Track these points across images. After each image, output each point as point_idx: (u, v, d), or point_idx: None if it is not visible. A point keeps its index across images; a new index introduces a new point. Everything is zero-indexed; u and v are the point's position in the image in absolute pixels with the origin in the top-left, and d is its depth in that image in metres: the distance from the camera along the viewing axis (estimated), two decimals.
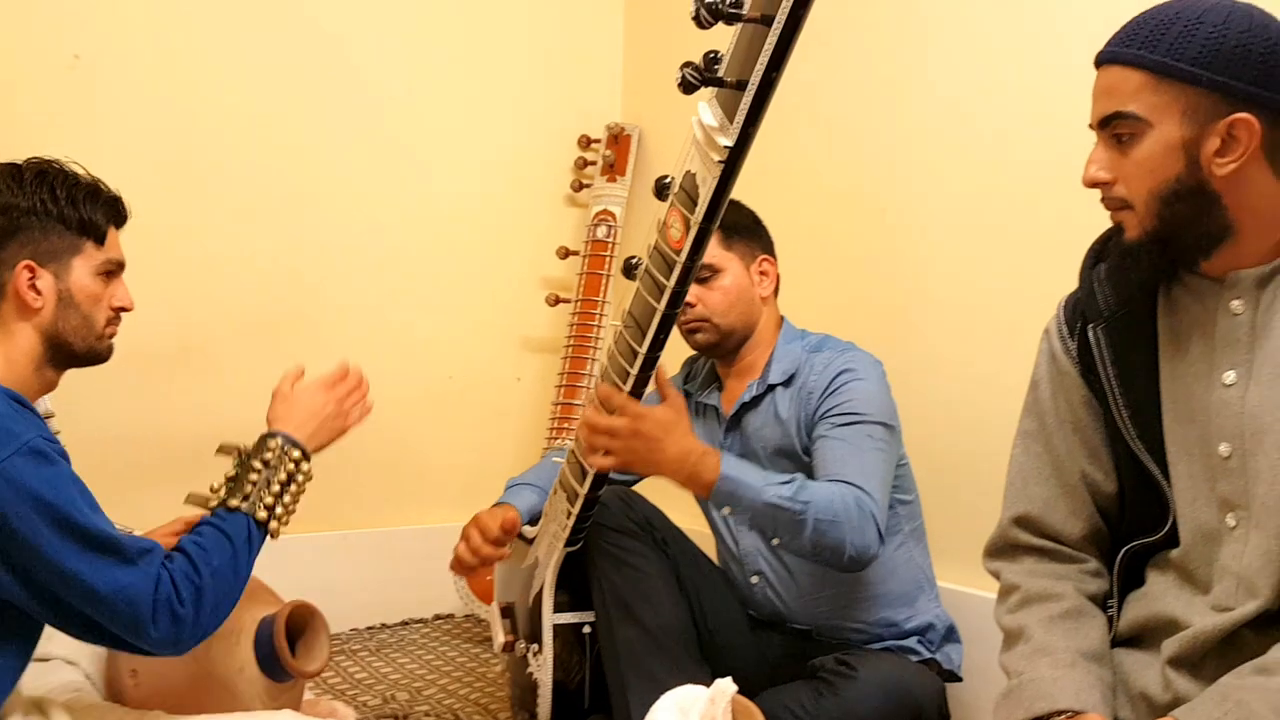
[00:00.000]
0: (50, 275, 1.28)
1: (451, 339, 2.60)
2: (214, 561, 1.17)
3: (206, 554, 1.17)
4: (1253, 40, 0.98)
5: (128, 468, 2.16)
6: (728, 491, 1.44)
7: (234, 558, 1.19)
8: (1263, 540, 1.01)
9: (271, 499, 1.25)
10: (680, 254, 1.21)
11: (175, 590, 1.12)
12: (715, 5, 1.02)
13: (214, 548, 1.18)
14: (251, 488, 1.25)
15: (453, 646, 2.37)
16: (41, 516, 1.08)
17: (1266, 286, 1.03)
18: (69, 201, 1.31)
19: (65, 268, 1.30)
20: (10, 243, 1.28)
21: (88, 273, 1.32)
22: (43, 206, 1.29)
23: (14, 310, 1.28)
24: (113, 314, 1.37)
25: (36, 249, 1.28)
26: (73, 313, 1.30)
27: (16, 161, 1.34)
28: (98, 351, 1.35)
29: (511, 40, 2.65)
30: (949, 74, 1.94)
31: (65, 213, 1.30)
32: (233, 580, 1.19)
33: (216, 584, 1.16)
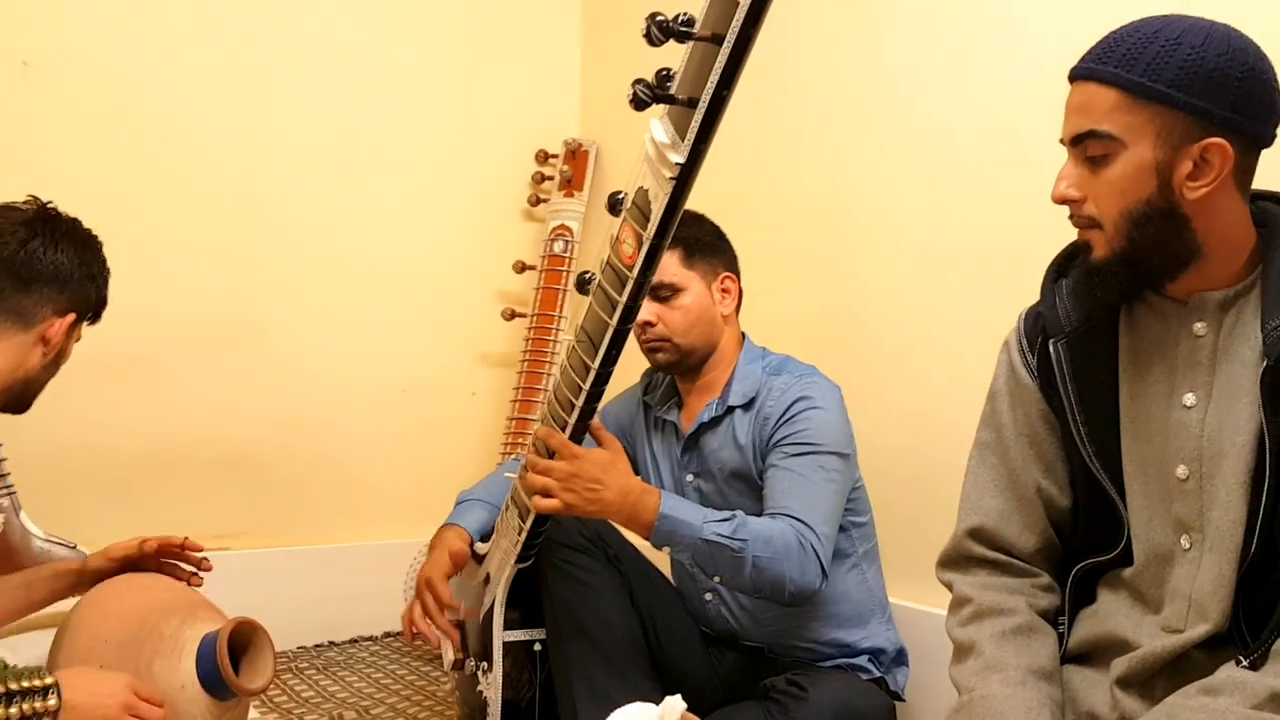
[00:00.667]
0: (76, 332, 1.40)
1: (405, 352, 2.58)
2: None
3: None
4: (1230, 64, 0.98)
5: (72, 479, 2.12)
6: (667, 530, 1.45)
7: None
8: (1216, 564, 1.02)
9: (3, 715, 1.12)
10: (633, 269, 1.21)
11: None
12: (666, 24, 1.02)
13: None
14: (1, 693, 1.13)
15: (402, 664, 2.34)
16: None
17: (1230, 310, 1.04)
18: (104, 282, 1.46)
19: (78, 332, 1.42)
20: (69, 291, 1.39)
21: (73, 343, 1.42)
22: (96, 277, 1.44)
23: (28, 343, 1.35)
24: None
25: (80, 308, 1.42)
26: (53, 368, 1.40)
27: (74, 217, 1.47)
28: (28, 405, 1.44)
29: (470, 54, 2.64)
30: (903, 91, 1.95)
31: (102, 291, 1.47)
32: None
33: None
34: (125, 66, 2.20)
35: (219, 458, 2.31)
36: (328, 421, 2.47)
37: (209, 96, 2.29)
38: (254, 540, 2.34)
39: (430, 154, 2.60)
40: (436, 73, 2.60)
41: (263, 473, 2.37)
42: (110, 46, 2.18)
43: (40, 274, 1.38)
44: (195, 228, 2.28)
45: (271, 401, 2.39)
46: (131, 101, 2.20)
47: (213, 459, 2.30)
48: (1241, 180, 1.03)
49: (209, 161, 2.29)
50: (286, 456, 2.40)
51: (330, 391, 2.47)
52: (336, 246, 2.47)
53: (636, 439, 1.80)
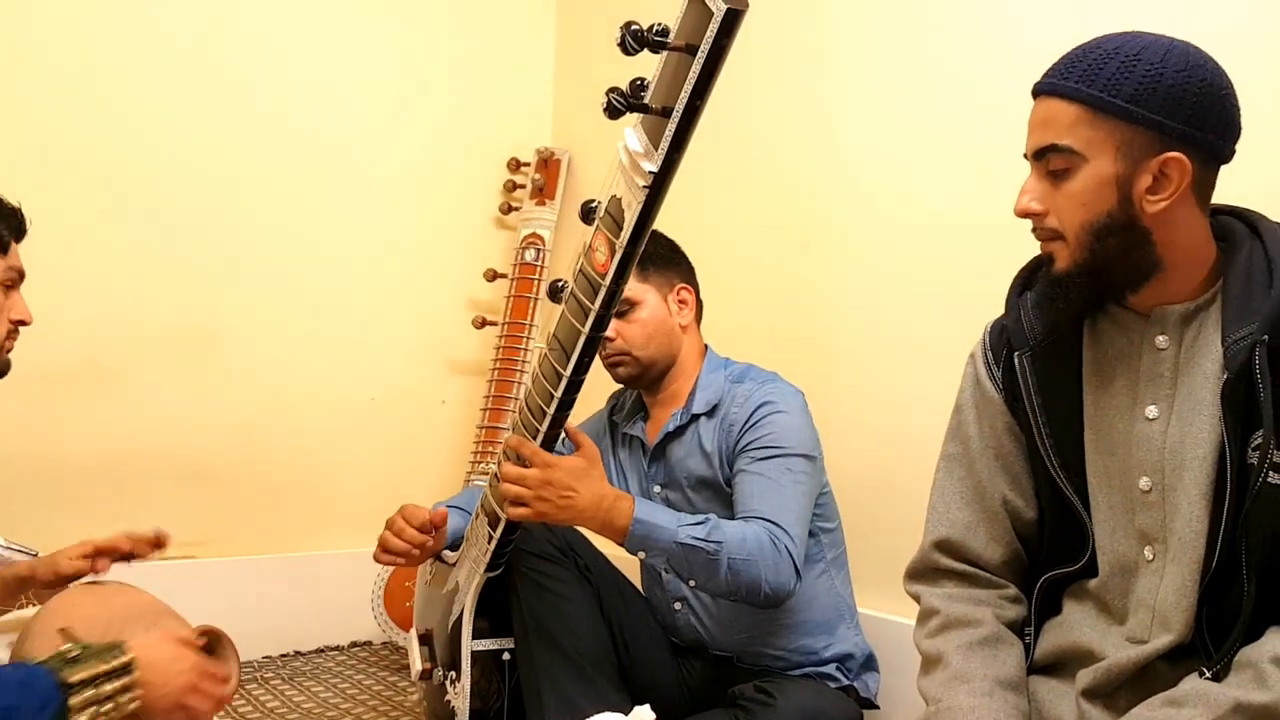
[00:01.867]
0: None
1: (375, 360, 2.56)
2: (6, 700, 1.06)
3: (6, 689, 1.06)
4: (1188, 80, 0.99)
5: (34, 486, 2.09)
6: (641, 535, 1.45)
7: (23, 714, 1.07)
8: (1179, 575, 1.03)
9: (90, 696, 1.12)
10: (605, 277, 1.21)
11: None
12: (641, 33, 1.03)
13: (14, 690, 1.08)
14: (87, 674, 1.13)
15: (369, 675, 2.32)
16: None
17: (1191, 323, 1.05)
18: None
19: None
20: None
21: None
22: None
23: None
24: (11, 327, 1.32)
25: None
26: None
27: None
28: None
29: (442, 62, 2.64)
30: (872, 105, 1.97)
31: None
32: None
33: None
34: (91, 71, 2.17)
35: (185, 465, 2.28)
36: (296, 429, 2.44)
37: (176, 103, 2.26)
38: (220, 549, 2.31)
39: (401, 161, 2.59)
40: (408, 80, 2.59)
41: (229, 481, 2.35)
42: (75, 50, 2.16)
43: None
44: (162, 234, 2.26)
45: (239, 409, 2.36)
46: (96, 106, 2.18)
47: (179, 467, 2.28)
48: (1201, 194, 1.04)
49: (176, 167, 2.27)
50: (254, 464, 2.38)
51: (299, 399, 2.45)
52: (306, 253, 2.45)
53: (604, 457, 1.80)
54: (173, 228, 2.27)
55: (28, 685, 1.09)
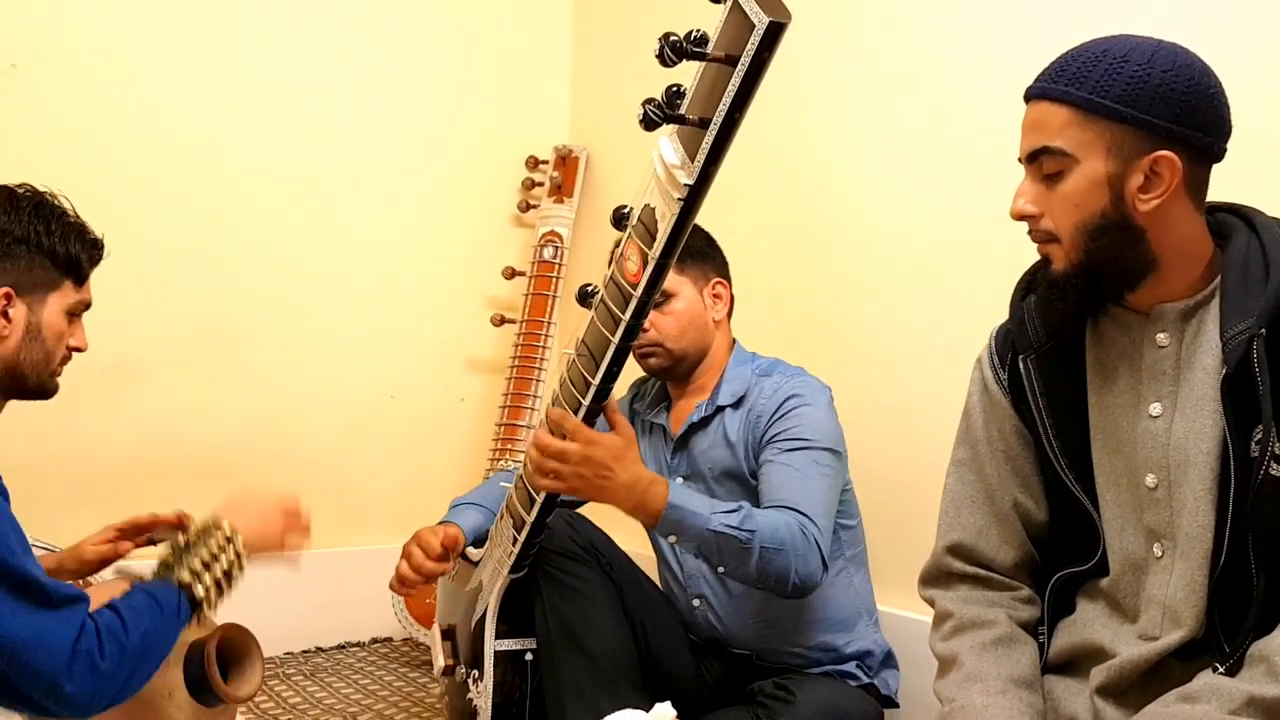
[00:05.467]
0: (24, 306, 1.29)
1: (394, 358, 2.57)
2: (143, 625, 1.12)
3: (137, 616, 1.12)
4: (1176, 79, 1.00)
5: (56, 483, 2.10)
6: (674, 520, 1.44)
7: (161, 626, 1.15)
8: (1187, 570, 1.03)
9: (211, 582, 1.21)
10: (636, 288, 1.20)
11: (99, 643, 1.08)
12: (679, 44, 1.02)
13: (145, 612, 1.14)
14: (199, 566, 1.21)
15: (390, 671, 2.34)
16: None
17: (1190, 320, 1.06)
18: (61, 238, 1.33)
19: (40, 302, 1.31)
20: (9, 264, 1.29)
21: (59, 310, 1.33)
22: (35, 237, 1.30)
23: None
24: (67, 353, 1.36)
25: (19, 278, 1.30)
26: (36, 346, 1.31)
27: (11, 185, 1.35)
28: (46, 387, 1.36)
29: (460, 60, 2.64)
30: (895, 99, 1.97)
31: (55, 248, 1.32)
32: (155, 647, 1.15)
33: (141, 647, 1.11)
34: (112, 70, 2.19)
35: (206, 463, 2.30)
36: (316, 426, 2.46)
37: (196, 101, 2.28)
38: None
39: (420, 159, 2.59)
40: (427, 78, 2.60)
41: (250, 478, 2.36)
42: (97, 50, 2.18)
43: None
44: (182, 232, 2.28)
45: (259, 407, 2.38)
46: (118, 105, 2.19)
47: (199, 464, 2.29)
48: (1194, 192, 1.05)
49: (195, 166, 2.28)
50: (274, 461, 2.39)
51: (318, 397, 2.46)
52: (325, 251, 2.47)
53: None
54: (194, 228, 2.29)
55: (154, 604, 1.15)
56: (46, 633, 1.04)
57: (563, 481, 1.41)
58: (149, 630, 1.13)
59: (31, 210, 1.32)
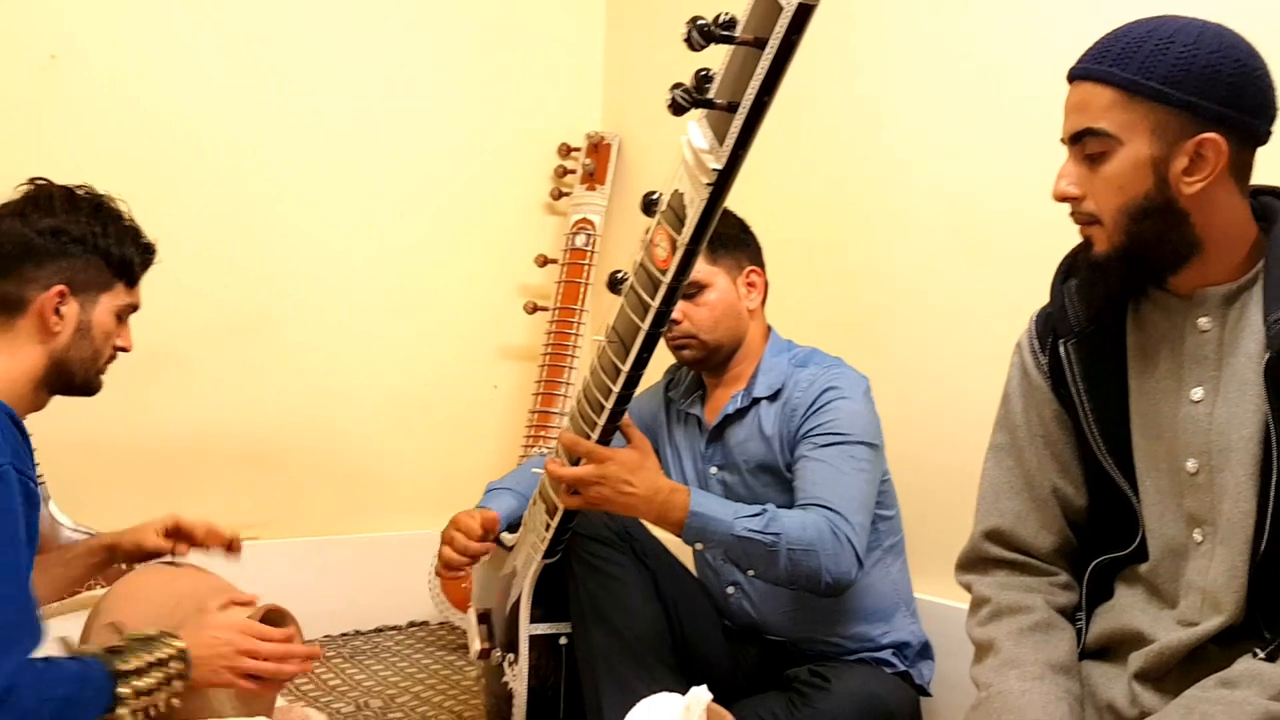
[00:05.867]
0: (77, 304, 1.32)
1: (428, 346, 2.59)
2: (61, 691, 1.12)
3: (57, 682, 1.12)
4: (1222, 61, 0.99)
5: (102, 470, 2.14)
6: (698, 527, 1.45)
7: (78, 704, 1.14)
8: (1228, 556, 1.03)
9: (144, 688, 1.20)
10: (666, 274, 1.20)
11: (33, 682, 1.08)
12: (707, 28, 1.01)
13: (66, 681, 1.13)
14: (138, 663, 1.20)
15: (427, 654, 2.36)
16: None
17: (1233, 304, 1.05)
18: (116, 241, 1.36)
19: (93, 301, 1.34)
20: (51, 264, 1.31)
21: (110, 311, 1.36)
22: (92, 239, 1.33)
23: (31, 328, 1.30)
24: (113, 353, 1.39)
25: (74, 276, 1.32)
26: (86, 344, 1.33)
27: (72, 186, 1.38)
28: (91, 385, 1.38)
29: (492, 48, 2.65)
30: (928, 88, 1.95)
31: (110, 250, 1.35)
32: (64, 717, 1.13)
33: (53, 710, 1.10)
34: (150, 62, 2.21)
35: (246, 451, 2.33)
36: (352, 414, 2.49)
37: (232, 94, 2.30)
38: (281, 531, 2.36)
39: (453, 147, 2.60)
40: (458, 66, 2.61)
41: (289, 465, 2.39)
42: (136, 42, 2.20)
43: (10, 255, 1.30)
44: (220, 224, 2.30)
45: (297, 394, 2.41)
46: (157, 99, 2.22)
47: (240, 452, 2.33)
48: (1238, 175, 1.04)
49: (233, 158, 2.31)
50: (312, 449, 2.42)
51: (355, 384, 2.49)
52: (360, 242, 2.49)
53: (659, 433, 1.80)
54: (232, 221, 2.32)
55: (85, 677, 1.16)
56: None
57: (585, 499, 1.44)
58: (67, 697, 1.12)
59: (90, 211, 1.35)
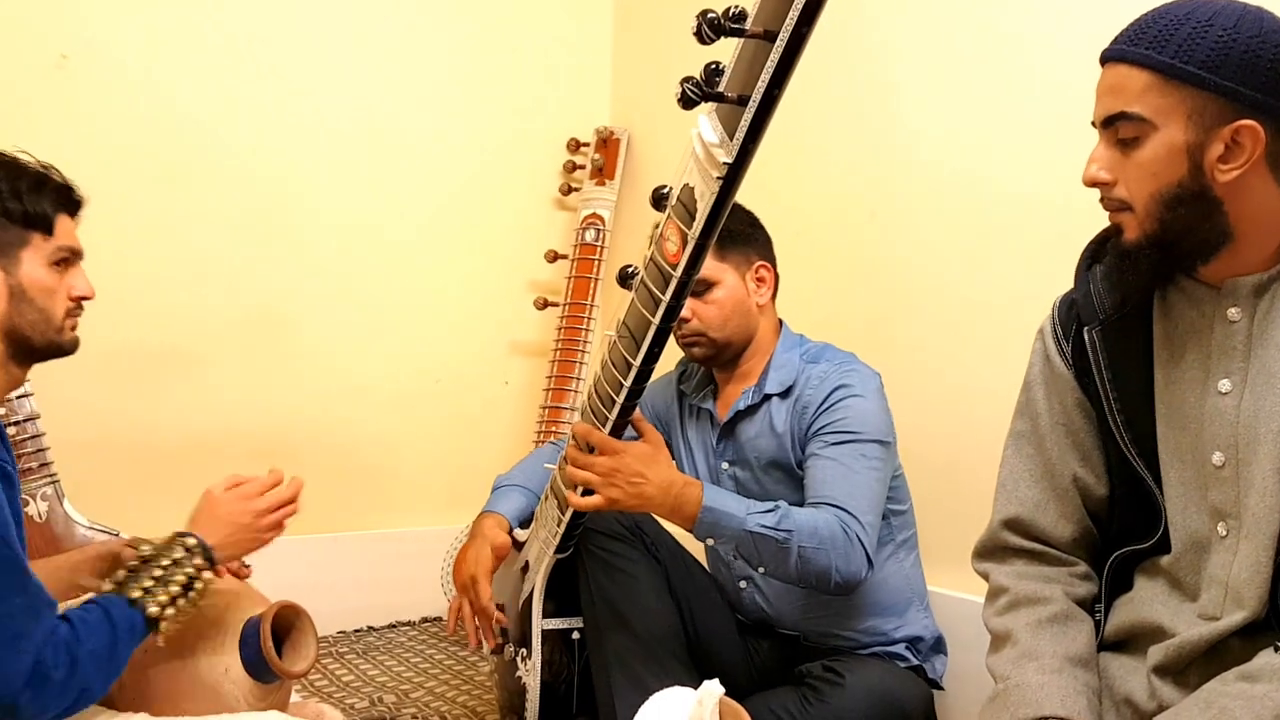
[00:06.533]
0: (1, 271, 1.25)
1: (439, 342, 2.59)
2: (94, 641, 1.12)
3: (90, 630, 1.12)
4: (1262, 46, 0.97)
5: (115, 467, 2.15)
6: (710, 522, 1.45)
7: (112, 645, 1.14)
8: (1252, 551, 1.01)
9: (166, 599, 1.20)
10: (676, 268, 1.20)
11: (54, 654, 1.07)
12: (717, 21, 1.00)
13: (97, 627, 1.13)
14: (152, 583, 1.20)
15: (440, 649, 2.37)
16: None
17: (1264, 295, 1.03)
18: (11, 195, 1.27)
19: (14, 261, 1.27)
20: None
21: (39, 264, 1.28)
22: None
23: None
24: (72, 304, 1.34)
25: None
26: (27, 307, 1.27)
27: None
28: (59, 344, 1.32)
29: (500, 43, 2.64)
30: (940, 76, 1.94)
31: (8, 206, 1.27)
32: (106, 666, 1.13)
33: (91, 664, 1.10)
34: (161, 61, 2.22)
35: (259, 447, 2.33)
36: (365, 411, 2.49)
37: (241, 90, 2.30)
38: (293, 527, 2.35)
39: (461, 143, 2.60)
40: (467, 61, 2.61)
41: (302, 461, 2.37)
42: (147, 41, 2.20)
43: None
44: (231, 221, 2.31)
45: (310, 392, 2.41)
46: (168, 96, 2.22)
47: (253, 448, 2.33)
48: (1274, 163, 1.02)
49: (244, 156, 2.31)
50: (325, 445, 2.43)
51: (367, 381, 2.49)
52: (369, 237, 2.49)
53: (671, 426, 1.80)
54: (246, 217, 2.32)
55: (106, 620, 1.14)
56: None
57: (597, 495, 1.43)
58: (100, 645, 1.12)
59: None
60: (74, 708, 1.10)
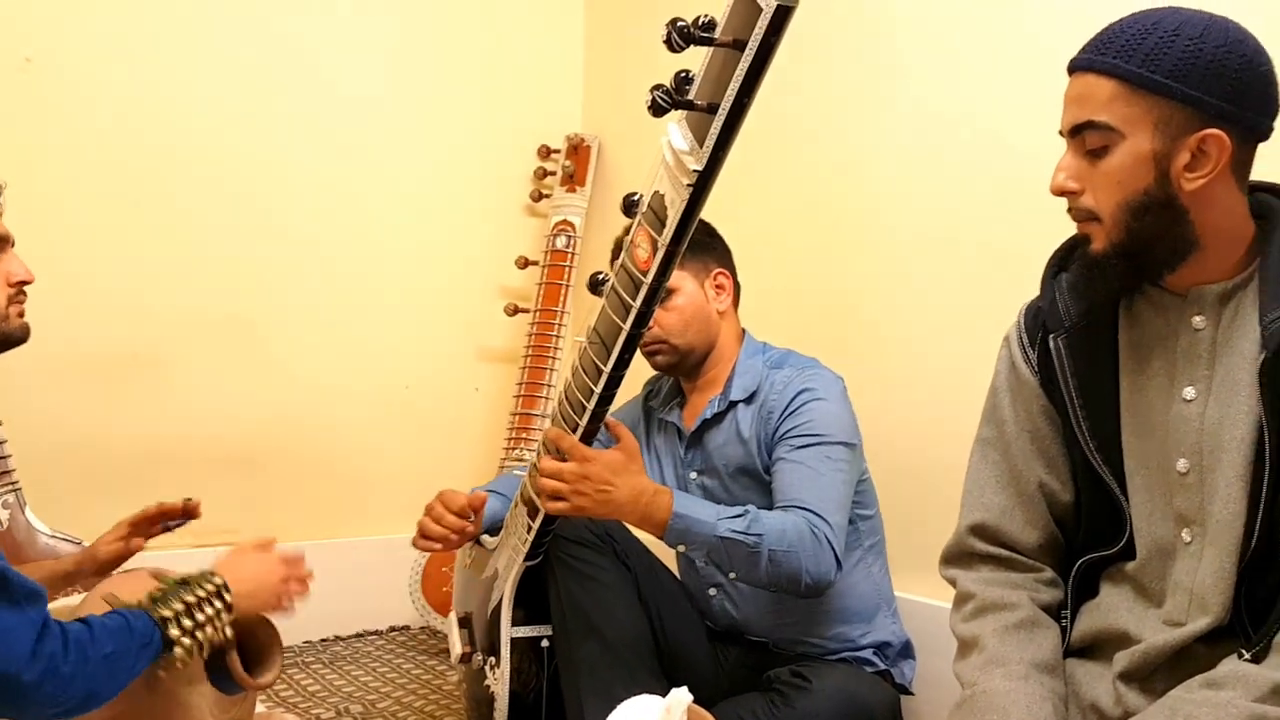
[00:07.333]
0: None
1: (409, 348, 2.58)
2: (110, 645, 1.10)
3: (107, 634, 1.11)
4: (1228, 56, 0.98)
5: (78, 475, 2.12)
6: (681, 529, 1.45)
7: (128, 650, 1.12)
8: (1216, 557, 1.02)
9: (190, 625, 1.19)
10: (647, 275, 1.20)
11: (64, 648, 1.06)
12: (687, 29, 1.01)
13: (116, 632, 1.12)
14: (182, 607, 1.19)
15: (407, 659, 2.35)
16: None
17: (1229, 303, 1.04)
18: None
19: None
20: None
21: None
22: None
23: None
24: (13, 290, 1.33)
25: None
26: None
27: None
28: (7, 333, 1.32)
29: (472, 49, 2.64)
30: (906, 84, 1.96)
31: None
32: (120, 669, 1.12)
33: (105, 664, 1.09)
34: (128, 63, 2.19)
35: (225, 454, 2.31)
36: (333, 417, 2.47)
37: (209, 94, 2.28)
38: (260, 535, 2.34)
39: (432, 149, 2.59)
40: (438, 68, 2.60)
41: (268, 468, 2.38)
42: (114, 43, 2.18)
43: None
44: (197, 225, 2.28)
45: (276, 398, 2.39)
46: (133, 98, 2.20)
47: (218, 455, 2.31)
48: (1239, 172, 1.03)
49: (210, 158, 2.29)
50: (293, 452, 2.41)
51: (335, 387, 2.47)
52: (339, 243, 2.47)
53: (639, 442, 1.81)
54: (212, 221, 2.30)
55: (126, 628, 1.13)
56: (8, 628, 1.01)
57: (565, 501, 1.43)
58: (115, 651, 1.11)
59: None
60: (82, 708, 1.09)
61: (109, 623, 1.13)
